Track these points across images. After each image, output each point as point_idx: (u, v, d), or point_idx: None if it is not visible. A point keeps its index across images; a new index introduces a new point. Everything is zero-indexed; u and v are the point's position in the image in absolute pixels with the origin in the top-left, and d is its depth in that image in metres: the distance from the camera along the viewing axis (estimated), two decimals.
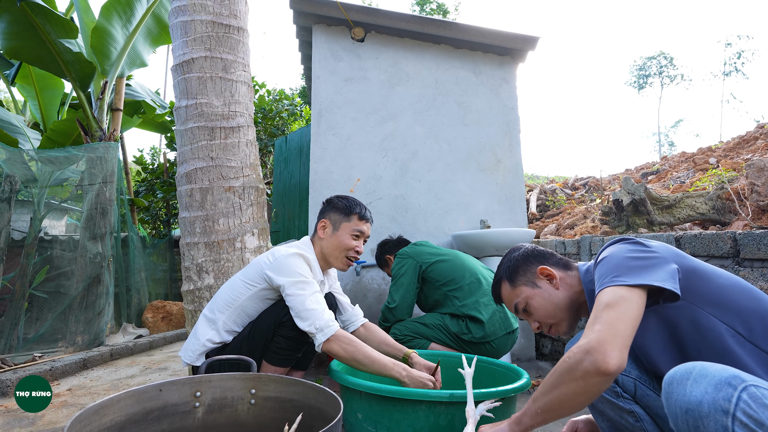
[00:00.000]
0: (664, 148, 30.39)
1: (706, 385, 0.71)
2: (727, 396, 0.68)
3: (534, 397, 0.91)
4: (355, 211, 1.61)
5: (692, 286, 0.92)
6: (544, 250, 1.22)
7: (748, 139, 5.13)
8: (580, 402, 0.84)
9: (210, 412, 1.10)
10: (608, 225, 2.97)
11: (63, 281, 3.46)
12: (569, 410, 0.86)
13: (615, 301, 0.86)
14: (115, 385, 2.42)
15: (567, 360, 0.85)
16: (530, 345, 2.97)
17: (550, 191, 5.89)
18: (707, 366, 0.74)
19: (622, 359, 0.79)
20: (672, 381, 0.76)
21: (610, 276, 0.91)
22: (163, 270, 5.21)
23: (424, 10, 15.43)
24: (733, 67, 26.34)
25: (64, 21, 3.32)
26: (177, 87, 2.04)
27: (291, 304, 1.39)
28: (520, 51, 3.33)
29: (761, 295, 0.91)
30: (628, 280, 0.88)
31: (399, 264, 2.28)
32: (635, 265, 0.91)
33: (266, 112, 6.88)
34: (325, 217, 1.64)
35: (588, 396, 0.83)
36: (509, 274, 1.20)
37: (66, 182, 3.97)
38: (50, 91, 4.35)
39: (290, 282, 1.40)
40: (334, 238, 1.59)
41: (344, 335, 1.36)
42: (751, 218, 2.20)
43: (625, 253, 0.95)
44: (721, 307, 0.89)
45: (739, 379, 0.69)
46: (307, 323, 1.35)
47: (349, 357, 1.34)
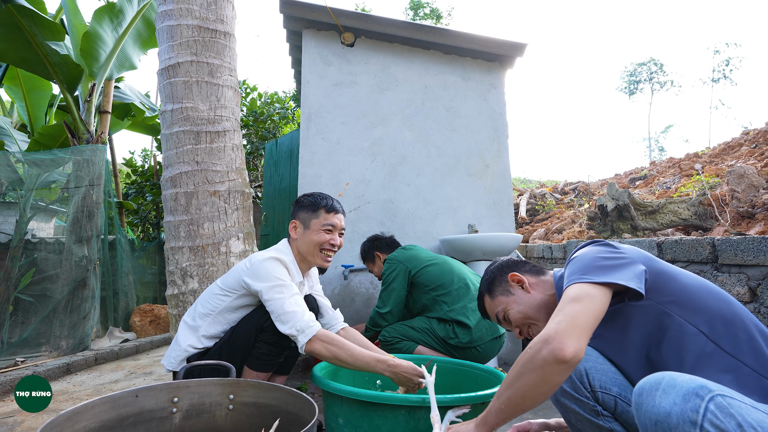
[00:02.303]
0: (654, 153, 30.75)
1: (674, 396, 0.71)
2: (695, 407, 0.69)
3: (497, 394, 0.92)
4: (321, 204, 1.60)
5: (659, 286, 0.94)
6: (518, 260, 1.28)
7: (734, 145, 5.21)
8: (542, 393, 0.85)
9: (187, 417, 1.10)
10: (594, 230, 3.00)
11: (48, 284, 3.42)
12: (532, 402, 0.87)
13: (579, 296, 0.89)
14: (98, 390, 2.39)
15: (527, 351, 0.86)
16: (517, 349, 2.99)
17: (540, 196, 5.93)
18: (675, 376, 0.75)
19: (579, 348, 0.81)
20: (642, 392, 0.77)
21: (578, 274, 0.94)
22: (152, 273, 5.17)
23: (418, 15, 15.52)
24: (722, 74, 26.77)
25: (51, 23, 3.30)
26: (162, 91, 2.04)
27: (270, 308, 1.39)
28: (508, 57, 3.37)
29: (726, 297, 0.93)
30: (594, 278, 0.91)
31: (389, 269, 2.29)
32: (603, 265, 0.94)
33: (257, 115, 6.87)
34: (294, 217, 1.63)
35: (548, 386, 0.84)
36: (488, 286, 1.25)
37: (53, 184, 3.94)
38: (38, 92, 4.31)
39: (268, 286, 1.40)
40: (306, 236, 1.58)
41: (326, 334, 1.36)
42: (730, 224, 2.24)
43: (595, 254, 0.98)
44: (686, 307, 0.91)
45: (706, 390, 0.70)
46: (287, 326, 1.35)
47: (331, 356, 1.33)
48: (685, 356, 0.89)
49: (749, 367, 0.84)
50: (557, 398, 1.06)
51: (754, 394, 0.81)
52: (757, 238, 1.60)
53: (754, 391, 0.82)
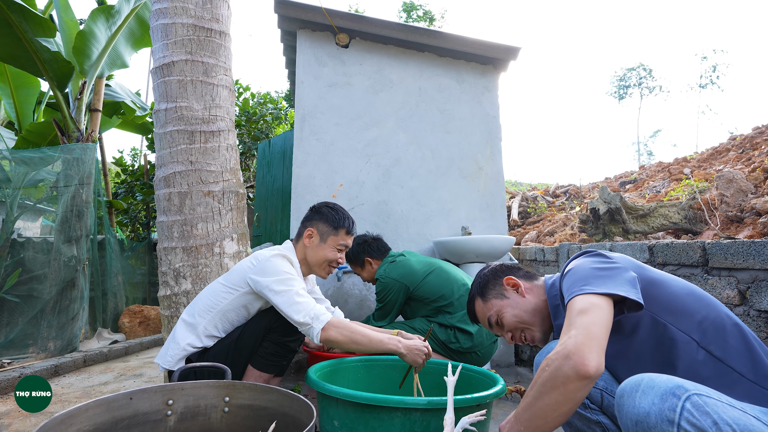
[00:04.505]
0: (643, 157, 31.14)
1: (653, 396, 0.73)
2: (672, 406, 0.71)
3: (516, 416, 0.87)
4: (344, 225, 1.62)
5: (651, 295, 0.95)
6: (511, 265, 1.28)
7: (721, 150, 5.30)
8: (565, 412, 0.81)
9: (182, 420, 1.09)
10: (586, 233, 3.03)
11: (36, 285, 3.36)
12: (554, 422, 0.82)
13: (587, 307, 0.87)
14: (87, 392, 2.36)
15: (546, 368, 0.82)
16: (509, 351, 3.00)
17: (532, 198, 5.97)
18: (654, 377, 0.77)
19: (600, 362, 0.79)
20: (623, 393, 0.79)
21: (579, 285, 0.93)
22: (141, 274, 5.11)
23: (411, 17, 15.55)
24: (709, 80, 27.19)
25: (41, 19, 3.25)
26: (157, 90, 2.02)
27: (280, 300, 1.38)
28: (502, 61, 3.39)
29: (713, 301, 0.95)
30: (596, 289, 0.90)
31: (386, 289, 2.23)
32: (601, 275, 0.94)
33: (250, 115, 6.83)
34: (312, 225, 1.63)
35: (571, 404, 0.80)
36: (480, 290, 1.26)
37: (41, 183, 3.87)
38: (26, 89, 4.24)
39: (277, 280, 1.40)
40: (320, 249, 1.61)
41: (339, 321, 1.39)
42: (720, 228, 2.28)
43: (590, 264, 0.99)
44: (678, 315, 0.93)
45: (683, 389, 0.72)
46: (301, 315, 1.36)
47: (348, 341, 1.36)
48: (678, 364, 0.90)
49: (738, 372, 0.86)
50: None
51: (745, 398, 0.82)
52: (746, 242, 1.63)
53: (743, 394, 0.83)
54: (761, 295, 1.58)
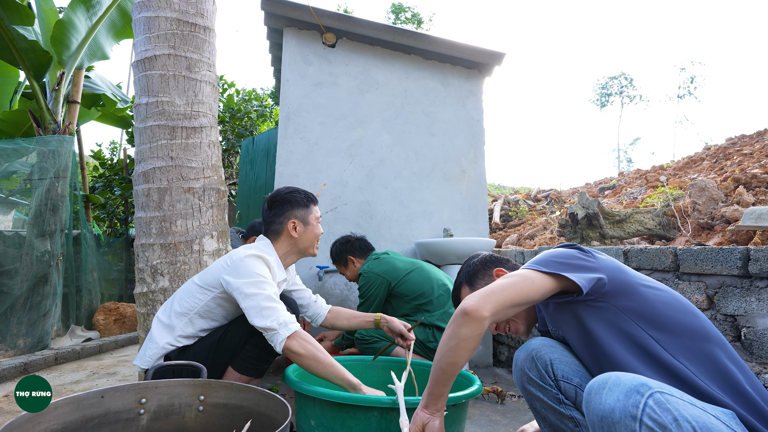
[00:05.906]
0: (623, 164, 31.85)
1: (618, 393, 0.76)
2: (635, 402, 0.74)
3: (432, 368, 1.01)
4: (311, 198, 1.67)
5: (621, 292, 0.97)
6: (500, 257, 1.31)
7: (696, 159, 5.47)
8: (453, 347, 0.94)
9: (155, 419, 1.08)
10: (564, 237, 3.09)
11: (6, 280, 3.26)
12: (450, 358, 0.96)
13: (519, 275, 0.97)
14: (58, 391, 2.30)
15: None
16: (488, 352, 3.04)
17: (514, 202, 6.06)
18: (621, 375, 0.79)
19: (483, 307, 0.91)
20: (591, 391, 0.82)
21: (532, 263, 1.01)
22: (118, 270, 4.99)
23: (399, 19, 15.60)
24: (687, 91, 28.00)
25: (19, 6, 3.16)
26: (138, 83, 1.98)
27: (249, 303, 1.34)
28: (487, 65, 3.43)
29: (693, 310, 0.96)
30: (541, 268, 0.97)
31: (367, 284, 2.26)
32: (558, 262, 0.99)
33: (234, 111, 6.75)
34: (291, 216, 1.61)
35: (457, 339, 0.93)
36: (469, 278, 1.28)
37: (15, 174, 3.76)
38: (2, 78, 4.11)
39: (248, 282, 1.36)
40: (308, 232, 1.63)
41: (305, 334, 1.34)
42: (691, 235, 2.35)
43: (559, 253, 1.03)
44: (651, 322, 0.94)
45: (646, 387, 0.75)
46: (268, 320, 1.30)
47: (309, 355, 1.30)
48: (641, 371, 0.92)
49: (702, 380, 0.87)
50: (524, 385, 1.11)
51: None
52: (715, 249, 1.69)
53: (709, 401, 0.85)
54: (728, 299, 1.63)
